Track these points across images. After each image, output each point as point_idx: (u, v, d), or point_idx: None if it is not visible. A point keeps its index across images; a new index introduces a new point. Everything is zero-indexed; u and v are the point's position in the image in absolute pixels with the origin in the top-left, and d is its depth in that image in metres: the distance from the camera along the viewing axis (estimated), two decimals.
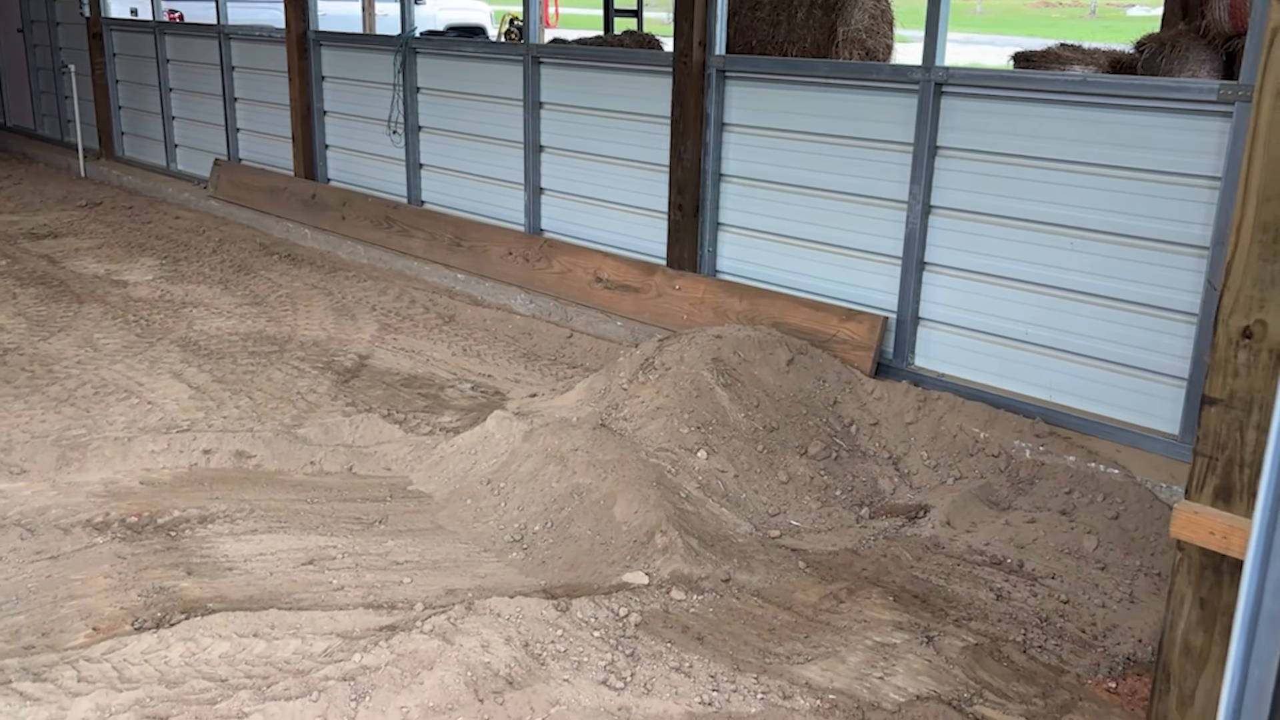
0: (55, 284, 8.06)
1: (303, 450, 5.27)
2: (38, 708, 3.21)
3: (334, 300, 7.87)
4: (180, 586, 4.01)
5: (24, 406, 5.64)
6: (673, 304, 6.66)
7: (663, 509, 4.41)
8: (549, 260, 7.51)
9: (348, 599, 3.98)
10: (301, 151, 9.83)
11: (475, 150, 8.29)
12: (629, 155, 7.13)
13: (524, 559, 4.36)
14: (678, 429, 5.00)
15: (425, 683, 3.35)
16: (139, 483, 4.89)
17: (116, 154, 12.85)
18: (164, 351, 6.62)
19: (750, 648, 3.73)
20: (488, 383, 6.37)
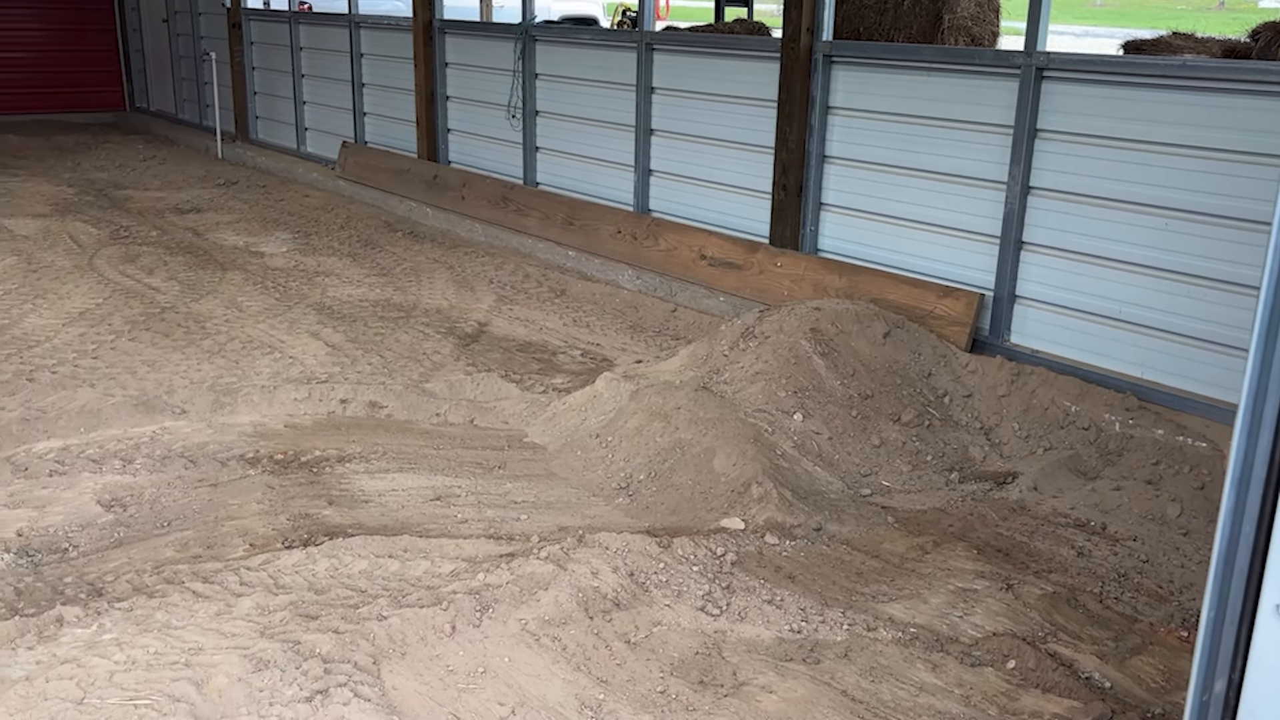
0: (200, 253, 8.73)
1: (429, 403, 5.73)
2: (208, 603, 3.69)
3: (454, 273, 8.35)
4: (323, 514, 4.47)
5: (182, 357, 6.23)
6: (774, 280, 6.95)
7: (759, 463, 4.72)
8: (656, 238, 7.85)
9: (471, 530, 4.38)
10: (425, 135, 10.37)
11: (588, 133, 8.68)
12: (735, 138, 7.43)
13: (629, 504, 4.72)
14: (775, 393, 5.29)
15: (542, 600, 3.72)
16: (283, 426, 5.40)
17: (251, 137, 13.65)
18: (301, 314, 7.17)
19: (838, 587, 4.02)
20: (596, 350, 6.75)
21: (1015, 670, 3.48)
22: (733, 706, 3.24)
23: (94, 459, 4.85)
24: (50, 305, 7.12)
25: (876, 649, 3.58)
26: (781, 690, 3.31)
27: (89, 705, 3.11)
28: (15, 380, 5.74)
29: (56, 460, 4.82)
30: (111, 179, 12.03)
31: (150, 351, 6.30)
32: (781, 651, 3.56)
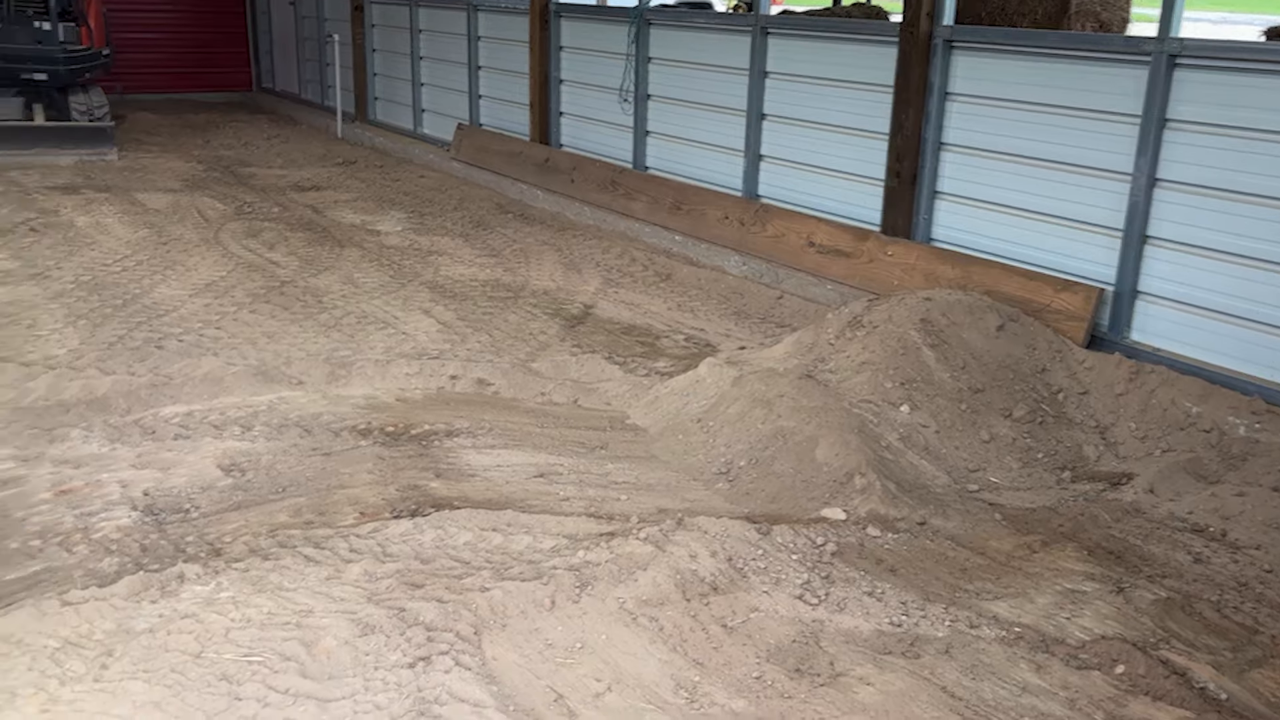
0: (319, 230, 8.99)
1: (535, 382, 5.81)
2: (319, 567, 3.82)
3: (562, 256, 8.44)
4: (430, 486, 4.58)
5: (300, 330, 6.44)
6: (884, 269, 6.84)
7: (863, 454, 4.66)
8: (763, 224, 7.80)
9: (572, 508, 4.44)
10: (538, 118, 10.48)
11: (699, 118, 8.66)
12: (848, 123, 7.33)
13: (729, 489, 4.71)
14: (882, 383, 5.22)
15: (640, 580, 3.75)
16: (395, 399, 5.54)
17: (369, 117, 13.99)
18: (414, 291, 7.34)
19: (941, 583, 3.95)
20: (700, 335, 6.74)
21: (1124, 676, 3.38)
22: (829, 696, 3.21)
23: (215, 425, 5.05)
24: (178, 276, 7.43)
25: (979, 647, 3.51)
26: (879, 683, 3.28)
27: (206, 659, 3.25)
28: (145, 347, 6.01)
29: (181, 425, 5.04)
30: (237, 156, 12.48)
31: (270, 323, 6.53)
32: (880, 644, 3.52)
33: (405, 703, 3.06)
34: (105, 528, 4.10)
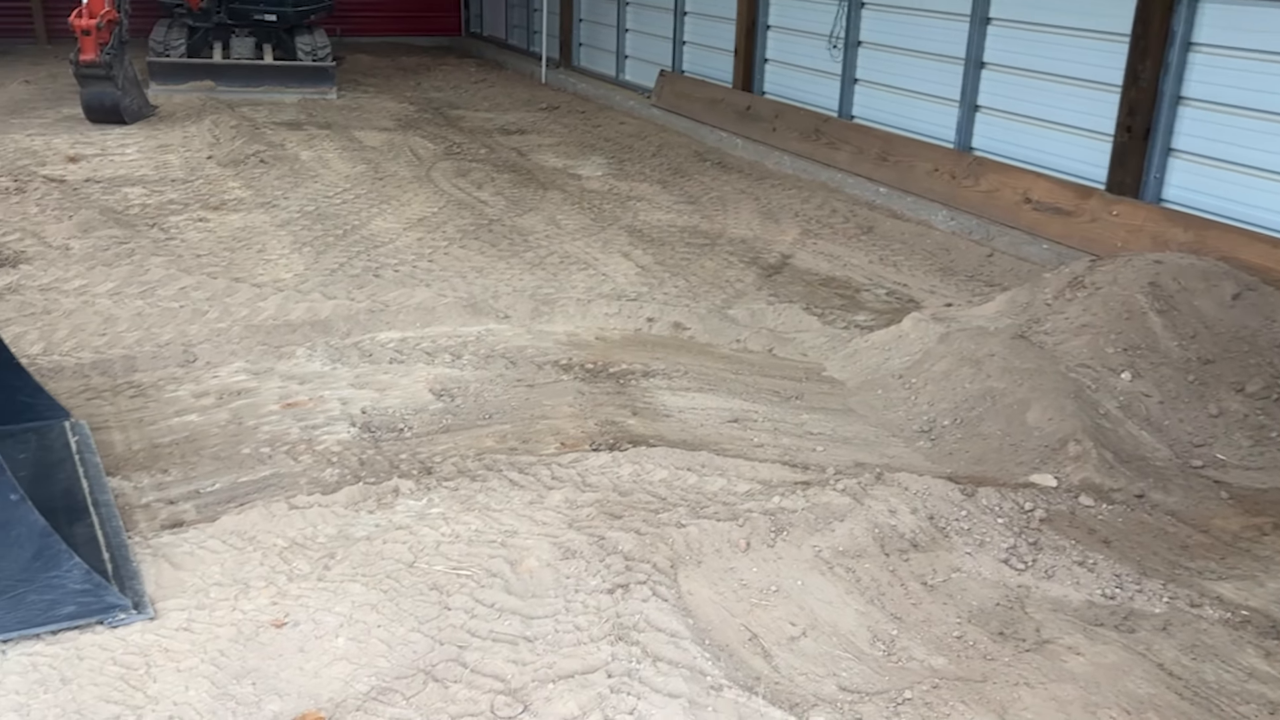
0: (524, 172, 9.20)
1: (730, 328, 5.79)
2: (523, 491, 3.93)
3: (760, 205, 8.35)
4: (627, 423, 4.64)
5: (506, 267, 6.62)
6: (1106, 230, 6.45)
7: (1079, 420, 4.43)
8: (976, 178, 7.48)
9: (766, 455, 4.41)
10: (742, 64, 10.36)
11: (911, 65, 8.36)
12: (1076, 73, 6.91)
13: (930, 448, 4.58)
14: (1102, 348, 4.94)
15: (836, 530, 3.70)
16: (594, 338, 5.63)
17: (573, 63, 14.17)
18: (614, 235, 7.42)
19: (1159, 558, 3.73)
20: (902, 290, 6.56)
21: None
22: (1034, 662, 3.10)
23: (427, 351, 5.27)
24: (393, 211, 7.76)
25: (1200, 627, 3.30)
26: (1090, 654, 3.13)
27: (418, 569, 3.41)
28: (364, 275, 6.31)
29: (396, 350, 5.27)
30: (446, 99, 12.89)
31: (478, 259, 6.74)
32: (1091, 615, 3.36)
33: (604, 626, 3.12)
34: (327, 440, 4.35)
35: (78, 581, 3.04)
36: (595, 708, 2.79)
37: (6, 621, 2.97)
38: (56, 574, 3.02)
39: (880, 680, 3.03)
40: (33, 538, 3.01)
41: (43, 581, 3.01)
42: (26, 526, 3.00)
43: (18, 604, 2.98)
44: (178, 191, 8.04)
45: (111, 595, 3.10)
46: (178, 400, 4.69)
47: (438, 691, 2.86)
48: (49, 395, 4.26)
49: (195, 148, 9.56)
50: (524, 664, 2.97)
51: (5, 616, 2.97)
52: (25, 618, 2.99)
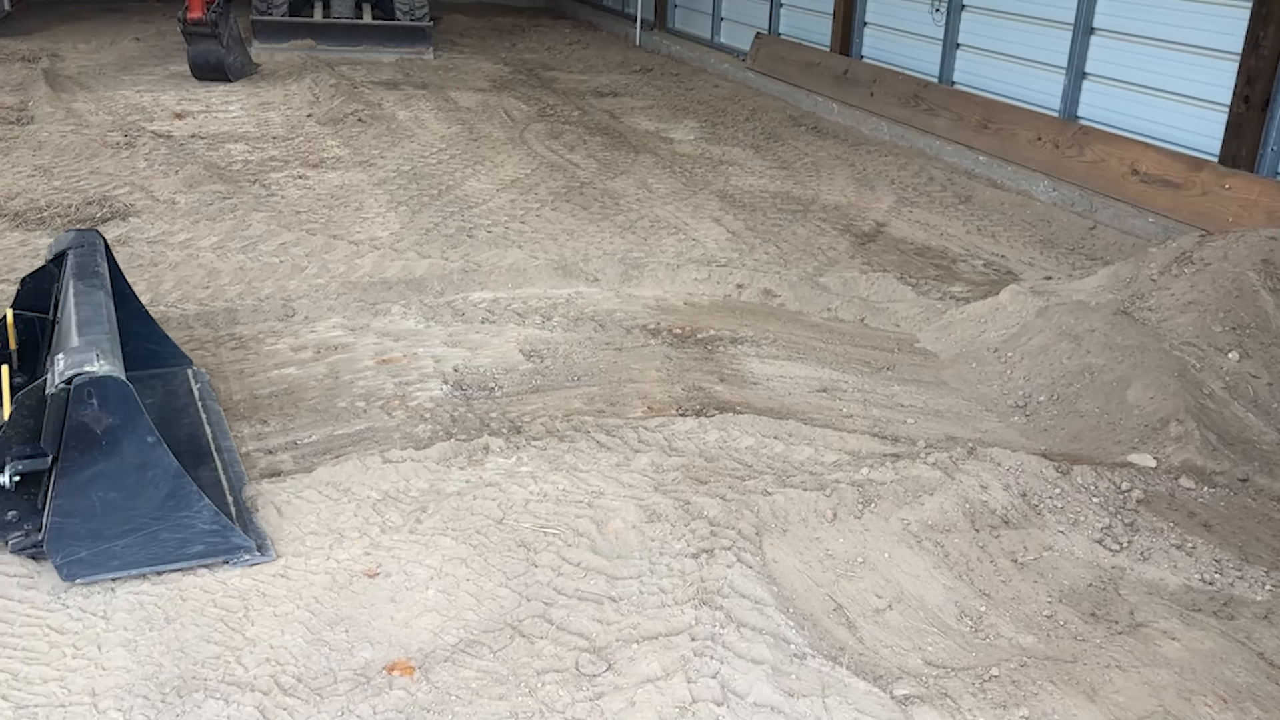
0: (616, 135, 9.18)
1: (821, 297, 5.73)
2: (610, 454, 3.96)
3: (855, 171, 8.21)
4: (714, 389, 4.63)
5: (596, 230, 6.64)
6: (1218, 204, 6.20)
7: (1181, 399, 4.30)
8: (1080, 148, 7.25)
9: (855, 425, 4.37)
10: (840, 27, 10.16)
11: (1016, 30, 8.10)
12: (1190, 40, 6.63)
13: (1025, 424, 4.48)
14: (1209, 326, 4.76)
15: (925, 504, 3.65)
16: (683, 303, 5.62)
17: (668, 25, 14.05)
18: (705, 199, 7.38)
19: (1263, 545, 3.61)
20: (1000, 262, 6.40)
21: None
22: (1127, 645, 3.03)
23: (518, 312, 5.32)
24: (487, 172, 7.82)
25: None
26: (1186, 639, 3.05)
27: (507, 525, 3.46)
28: (458, 235, 6.39)
29: (487, 310, 5.34)
30: (540, 60, 12.91)
31: (569, 221, 6.76)
32: (1188, 600, 3.27)
33: (688, 590, 3.14)
34: (420, 397, 4.43)
35: (207, 522, 3.19)
36: (678, 669, 2.81)
37: (139, 558, 3.12)
38: (187, 514, 3.16)
39: (967, 656, 3.00)
40: (166, 478, 3.14)
41: (174, 520, 3.15)
42: (161, 468, 3.13)
43: (150, 541, 3.13)
44: (278, 149, 8.21)
45: (238, 536, 3.23)
46: (277, 353, 4.82)
47: (524, 646, 2.91)
48: (174, 343, 4.42)
49: (295, 106, 9.74)
50: (608, 623, 3.00)
51: (138, 553, 3.12)
52: (157, 554, 3.14)
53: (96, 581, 3.10)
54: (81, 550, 3.07)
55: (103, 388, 3.02)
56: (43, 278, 4.10)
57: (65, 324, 3.53)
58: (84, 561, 3.07)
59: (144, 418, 3.10)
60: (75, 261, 3.97)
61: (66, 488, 3.04)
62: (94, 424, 3.02)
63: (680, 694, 2.74)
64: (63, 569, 3.06)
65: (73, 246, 4.10)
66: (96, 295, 3.68)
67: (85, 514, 3.06)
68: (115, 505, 3.08)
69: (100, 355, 3.12)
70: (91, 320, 3.44)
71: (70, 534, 3.05)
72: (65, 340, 3.37)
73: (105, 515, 3.08)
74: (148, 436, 3.10)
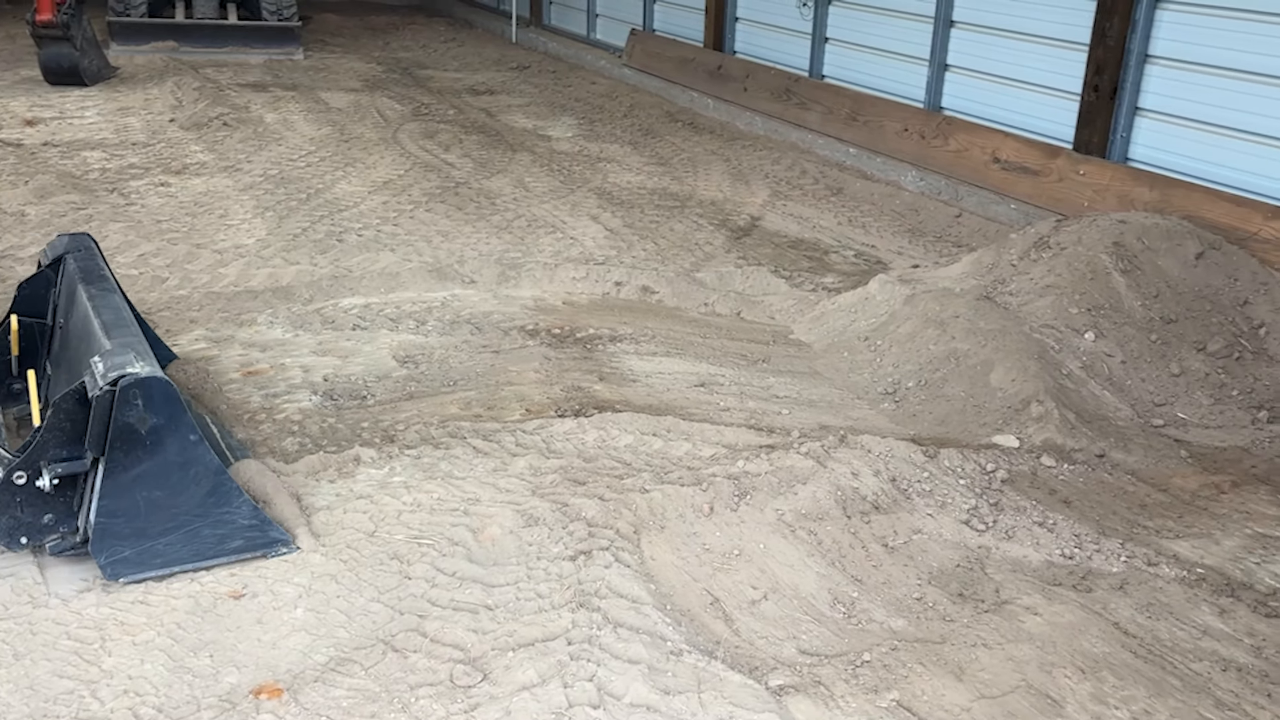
0: (492, 133, 9.10)
1: (699, 292, 5.77)
2: (487, 459, 3.92)
3: (730, 166, 8.30)
4: (594, 388, 4.62)
5: (472, 230, 6.56)
6: (1073, 189, 6.45)
7: (1041, 380, 4.45)
8: (945, 138, 7.46)
9: (732, 419, 4.41)
10: (713, 23, 10.25)
11: (881, 24, 8.29)
12: (1044, 31, 6.88)
13: (895, 410, 4.59)
14: (1066, 308, 4.95)
15: (800, 493, 3.71)
16: (561, 302, 5.59)
17: (544, 22, 13.99)
18: (583, 197, 7.36)
19: (1118, 517, 3.76)
20: (870, 252, 6.55)
21: None
22: (993, 623, 3.12)
23: (391, 318, 5.22)
24: (358, 173, 7.66)
25: (1156, 585, 3.34)
26: (1047, 613, 3.16)
27: (379, 537, 3.39)
28: (327, 240, 6.24)
29: (359, 316, 5.22)
30: (415, 59, 12.71)
31: (444, 223, 6.67)
32: (1050, 575, 3.39)
33: (566, 593, 3.12)
34: (288, 409, 4.31)
35: (246, 517, 3.26)
36: (555, 675, 2.80)
37: (182, 555, 3.18)
38: (228, 510, 3.23)
39: (840, 643, 3.05)
40: (208, 475, 3.21)
41: (215, 517, 3.22)
42: (203, 465, 3.20)
43: (192, 538, 3.20)
44: (138, 155, 7.91)
45: (275, 531, 3.31)
46: None
47: (397, 661, 2.85)
48: (164, 343, 4.50)
49: (157, 110, 9.39)
50: (484, 632, 2.97)
51: (181, 550, 3.18)
52: (199, 551, 3.20)
53: (141, 580, 3.12)
54: (126, 549, 3.12)
55: (147, 388, 3.08)
56: (39, 283, 4.08)
57: (88, 328, 3.54)
58: (128, 560, 3.12)
59: (187, 416, 3.17)
60: (79, 265, 3.95)
61: (111, 488, 3.09)
62: (139, 424, 3.09)
63: (556, 700, 2.72)
64: (107, 568, 3.10)
65: (69, 250, 4.07)
66: (113, 298, 3.71)
67: (129, 513, 3.12)
68: (159, 504, 3.15)
69: (139, 356, 3.16)
70: (117, 323, 3.48)
71: (114, 534, 3.11)
72: (94, 343, 3.39)
73: (149, 514, 3.14)
74: (190, 435, 3.17)
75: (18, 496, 3.13)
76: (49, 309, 4.06)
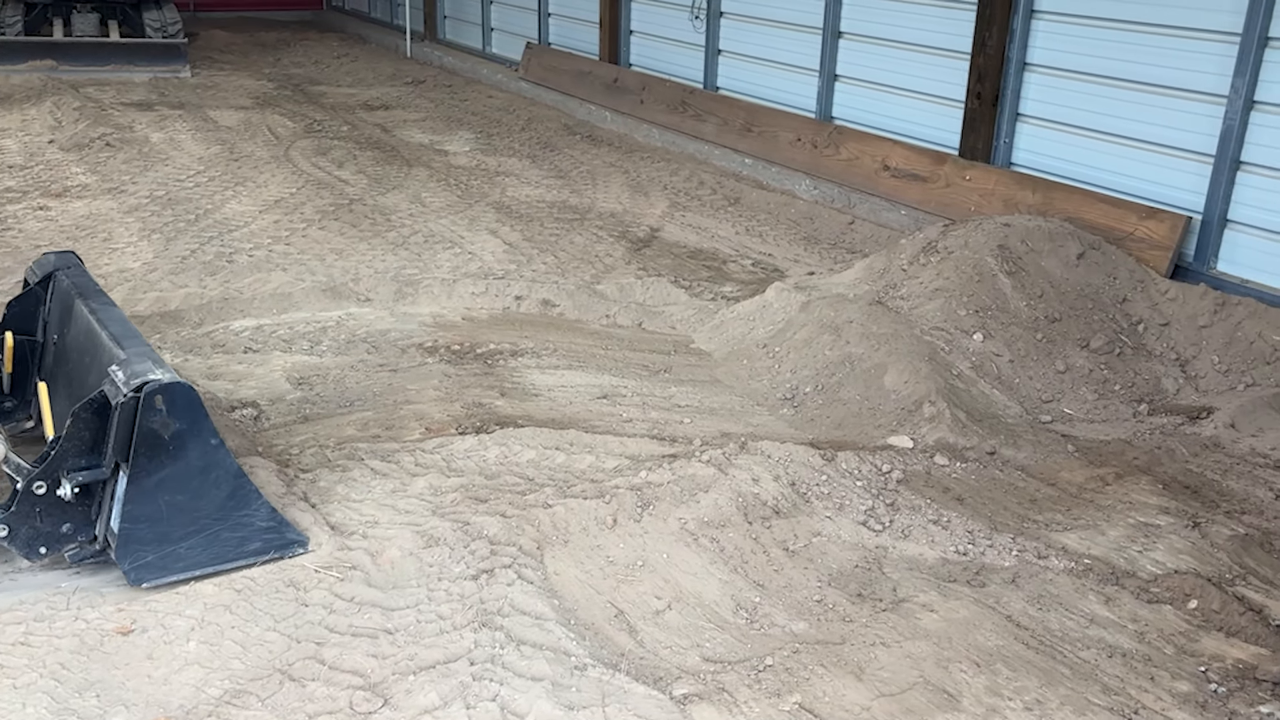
0: (388, 149, 8.99)
1: (600, 304, 5.78)
2: (386, 480, 3.86)
3: (630, 178, 8.34)
4: (495, 404, 4.59)
5: (368, 248, 6.46)
6: (961, 194, 6.64)
7: (933, 381, 4.57)
8: (837, 147, 7.61)
9: (635, 430, 4.42)
10: (608, 36, 10.30)
11: (772, 36, 8.43)
12: (928, 42, 7.07)
13: (794, 415, 4.66)
14: (955, 310, 5.09)
15: (701, 501, 3.73)
16: (461, 318, 5.55)
17: (438, 36, 13.88)
18: (481, 212, 7.31)
19: (1009, 513, 3.87)
20: (768, 260, 6.64)
21: (1197, 611, 3.30)
22: (891, 621, 3.19)
23: (285, 339, 5.11)
24: (249, 193, 7.49)
25: (1046, 577, 3.45)
26: (943, 610, 3.24)
27: (274, 565, 3.31)
28: (216, 261, 6.08)
29: (250, 338, 5.10)
30: (307, 75, 12.49)
31: (339, 240, 6.56)
32: (945, 572, 3.48)
33: (468, 614, 3.09)
34: None
35: (264, 519, 3.32)
36: (457, 697, 2.76)
37: (202, 558, 3.22)
38: (246, 512, 3.28)
39: (743, 648, 3.08)
40: (228, 479, 3.26)
41: (234, 520, 3.27)
42: (223, 469, 3.25)
43: (213, 541, 3.24)
44: (15, 179, 7.61)
45: (292, 532, 3.37)
46: None
47: (294, 691, 2.79)
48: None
49: (35, 131, 9.05)
50: (384, 657, 2.92)
51: (201, 553, 3.22)
52: (219, 554, 3.25)
53: (164, 584, 3.16)
54: (149, 554, 3.16)
55: (171, 394, 3.12)
56: (29, 300, 4.09)
57: (93, 340, 3.56)
58: (151, 565, 3.16)
59: (208, 421, 3.21)
60: (73, 282, 3.95)
61: (135, 493, 3.13)
62: (162, 430, 3.13)
63: None
64: (131, 574, 3.14)
65: (59, 268, 4.08)
66: (115, 311, 3.72)
67: (152, 518, 3.15)
68: (180, 508, 3.19)
69: (157, 364, 3.21)
70: (126, 334, 3.49)
71: (138, 539, 3.14)
72: (105, 354, 3.41)
73: (171, 518, 3.18)
74: (211, 439, 3.22)
75: (37, 507, 3.15)
76: (38, 325, 4.08)
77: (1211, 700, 2.93)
